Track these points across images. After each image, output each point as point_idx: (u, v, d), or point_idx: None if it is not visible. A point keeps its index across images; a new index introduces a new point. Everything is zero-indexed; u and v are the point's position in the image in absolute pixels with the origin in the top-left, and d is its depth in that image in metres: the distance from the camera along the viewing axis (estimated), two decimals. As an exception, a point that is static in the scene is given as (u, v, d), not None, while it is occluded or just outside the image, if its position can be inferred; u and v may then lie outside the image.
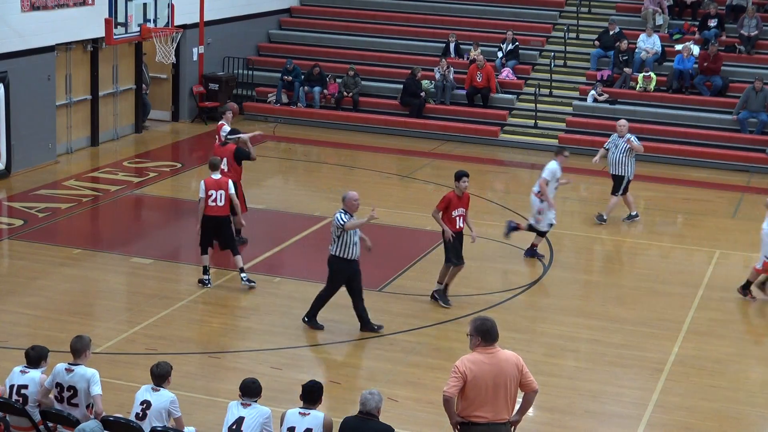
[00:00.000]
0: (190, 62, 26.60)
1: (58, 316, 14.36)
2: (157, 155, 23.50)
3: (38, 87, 21.59)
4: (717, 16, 27.37)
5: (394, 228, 18.89)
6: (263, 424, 9.47)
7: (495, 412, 9.06)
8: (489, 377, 9.02)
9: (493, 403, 9.04)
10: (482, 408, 9.04)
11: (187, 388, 11.88)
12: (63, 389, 9.95)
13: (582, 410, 12.35)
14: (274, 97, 27.40)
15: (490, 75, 26.44)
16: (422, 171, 23.15)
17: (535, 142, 25.66)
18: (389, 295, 15.68)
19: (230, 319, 14.56)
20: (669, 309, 15.59)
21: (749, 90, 24.79)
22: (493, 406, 9.04)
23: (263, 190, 20.47)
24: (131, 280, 16.13)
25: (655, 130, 25.26)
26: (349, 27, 29.71)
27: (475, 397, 9.02)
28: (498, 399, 9.05)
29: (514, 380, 9.14)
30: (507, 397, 9.10)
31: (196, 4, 26.10)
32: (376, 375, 12.95)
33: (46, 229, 18.00)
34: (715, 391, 12.88)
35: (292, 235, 18.37)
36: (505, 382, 9.08)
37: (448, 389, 9.05)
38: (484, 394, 9.01)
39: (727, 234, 19.68)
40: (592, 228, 19.49)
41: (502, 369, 9.09)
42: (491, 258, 17.70)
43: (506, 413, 9.15)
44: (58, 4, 21.87)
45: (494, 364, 9.07)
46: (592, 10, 29.24)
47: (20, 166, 21.20)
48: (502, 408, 9.10)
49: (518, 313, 15.17)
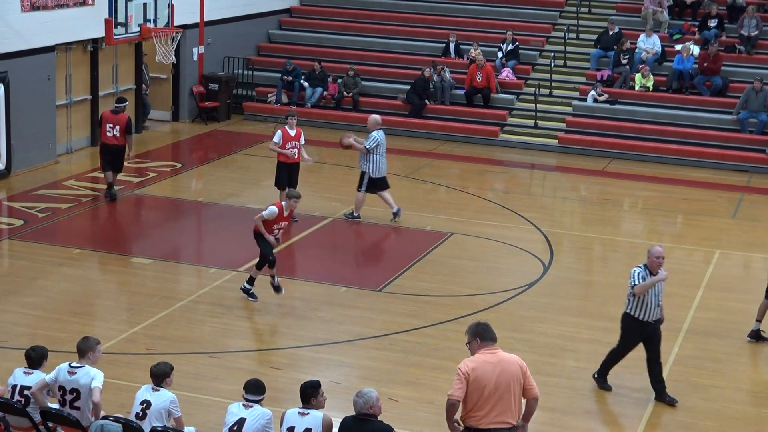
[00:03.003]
0: (190, 62, 26.60)
1: (58, 316, 14.36)
2: (157, 155, 23.50)
3: (38, 87, 21.59)
4: (717, 16, 27.38)
5: (394, 228, 18.89)
6: (264, 426, 9.46)
7: (499, 415, 8.93)
8: (491, 377, 8.92)
9: (497, 406, 8.92)
10: (485, 410, 8.91)
11: (187, 388, 11.87)
12: (66, 392, 9.92)
13: (582, 410, 12.35)
14: (274, 97, 27.40)
15: (489, 75, 26.44)
16: (422, 171, 23.15)
17: (535, 142, 25.66)
18: (389, 295, 15.67)
19: (230, 319, 14.55)
20: (669, 309, 15.52)
21: (749, 90, 24.79)
22: (498, 408, 8.92)
23: (263, 190, 20.46)
24: (131, 280, 16.13)
25: (655, 130, 25.27)
26: (349, 27, 29.71)
27: (478, 398, 8.92)
28: (502, 401, 8.94)
29: (518, 382, 9.02)
30: (512, 400, 8.96)
31: (196, 4, 26.11)
32: (376, 375, 12.94)
33: (46, 229, 18.00)
34: (715, 391, 12.88)
35: (292, 235, 18.37)
36: (509, 383, 8.96)
37: (453, 392, 8.96)
38: (487, 395, 8.91)
39: (727, 234, 19.68)
40: (592, 228, 19.49)
41: (505, 368, 9.00)
42: (491, 258, 17.70)
43: (511, 417, 9.00)
44: (58, 4, 21.87)
45: (496, 363, 8.99)
46: (592, 10, 29.23)
47: (20, 166, 21.20)
48: (507, 411, 8.95)
49: (518, 313, 15.17)
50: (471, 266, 17.17)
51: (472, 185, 22.45)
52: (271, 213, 14.62)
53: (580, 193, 22.66)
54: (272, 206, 14.73)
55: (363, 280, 16.09)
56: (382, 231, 18.71)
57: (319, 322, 14.49)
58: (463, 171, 23.73)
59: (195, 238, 18.95)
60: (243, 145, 24.89)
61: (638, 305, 12.35)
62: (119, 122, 19.44)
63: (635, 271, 12.33)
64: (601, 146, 25.20)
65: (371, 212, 19.43)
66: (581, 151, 25.16)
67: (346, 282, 16.06)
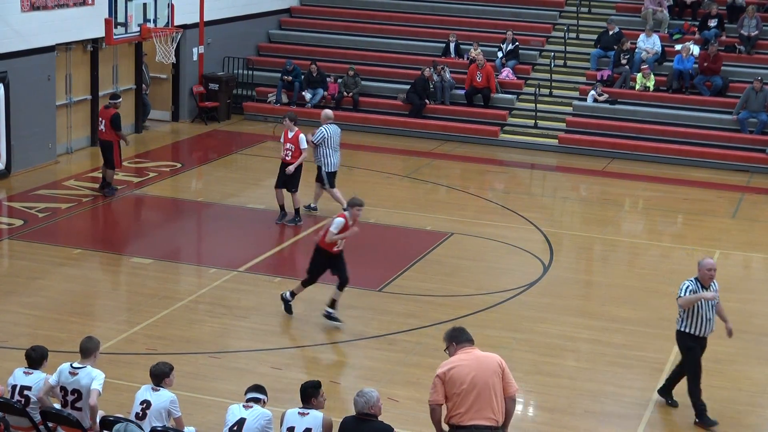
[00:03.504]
0: (190, 62, 26.60)
1: (58, 316, 14.36)
2: (157, 155, 23.50)
3: (38, 87, 21.59)
4: (717, 16, 27.38)
5: (394, 228, 18.89)
6: (264, 426, 9.46)
7: (480, 411, 8.91)
8: (467, 374, 8.95)
9: (476, 402, 8.92)
10: (465, 407, 8.91)
11: (187, 388, 11.87)
12: (67, 392, 9.92)
13: (582, 410, 12.35)
14: (274, 97, 27.40)
15: (490, 75, 26.44)
16: (422, 171, 23.15)
17: (535, 142, 25.66)
18: (389, 295, 15.67)
19: (230, 319, 14.55)
20: (669, 309, 15.53)
21: (749, 90, 24.79)
22: (477, 404, 8.91)
23: (263, 190, 20.46)
24: (131, 280, 16.13)
25: (655, 130, 25.27)
26: (349, 27, 29.72)
27: (457, 396, 8.94)
28: (481, 397, 8.93)
29: (497, 377, 9.01)
30: (492, 396, 8.94)
31: (196, 4, 26.11)
32: (376, 375, 12.94)
33: (46, 229, 18.00)
34: (715, 391, 12.86)
35: (292, 235, 18.38)
36: (486, 380, 8.95)
37: (431, 397, 9.11)
38: (465, 392, 8.92)
39: (727, 234, 19.68)
40: (592, 228, 19.49)
41: (482, 364, 9.03)
42: (491, 258, 17.70)
43: (492, 413, 8.95)
44: (58, 4, 21.87)
45: (472, 360, 9.04)
46: (592, 10, 29.24)
47: (20, 166, 21.20)
48: (487, 407, 8.93)
49: (518, 313, 15.17)
50: (471, 266, 17.17)
51: (473, 185, 22.45)
52: (338, 225, 14.10)
53: (581, 193, 22.66)
54: (338, 218, 14.22)
55: (363, 280, 16.09)
56: (382, 231, 18.70)
57: (319, 322, 14.49)
58: (464, 171, 23.73)
59: (195, 238, 18.94)
60: (243, 145, 24.89)
61: (691, 321, 11.83)
62: (105, 117, 19.73)
63: (685, 284, 11.77)
64: (602, 146, 25.21)
65: (371, 212, 19.44)
66: (581, 151, 25.16)
67: (346, 282, 16.05)
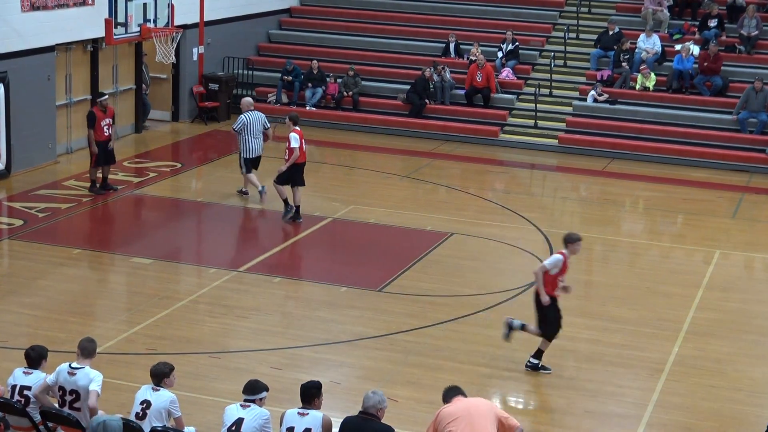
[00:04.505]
0: (190, 62, 26.60)
1: (58, 316, 14.35)
2: (157, 155, 23.50)
3: (38, 87, 21.58)
4: (717, 16, 27.37)
5: (394, 228, 18.89)
6: (262, 426, 9.46)
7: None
8: (462, 407, 9.10)
9: (472, 426, 8.95)
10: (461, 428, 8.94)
11: (187, 388, 11.87)
12: (66, 392, 9.92)
13: (582, 410, 12.35)
14: (274, 97, 27.40)
15: (490, 75, 26.44)
16: (422, 171, 23.14)
17: (535, 142, 25.65)
18: (389, 295, 15.67)
19: (230, 319, 14.55)
20: (669, 309, 15.59)
21: (749, 90, 24.78)
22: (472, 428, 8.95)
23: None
24: (131, 280, 16.13)
25: (655, 130, 25.27)
26: (349, 27, 29.71)
27: (451, 422, 8.98)
28: (476, 424, 8.96)
29: (491, 412, 9.14)
30: (487, 425, 8.98)
31: (196, 4, 26.10)
32: (376, 375, 12.94)
33: (46, 229, 18.00)
34: (715, 391, 12.87)
35: (292, 235, 18.38)
36: (480, 410, 9.08)
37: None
38: (459, 417, 8.99)
39: (727, 234, 19.68)
40: (592, 228, 19.47)
41: (475, 403, 9.22)
42: (491, 258, 17.70)
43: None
44: (58, 4, 21.87)
45: (463, 402, 9.22)
46: (592, 10, 29.23)
47: (20, 166, 21.19)
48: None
49: (518, 313, 15.11)
50: (471, 266, 17.17)
51: (473, 185, 22.44)
52: (555, 262, 12.70)
53: (581, 193, 22.66)
54: (556, 255, 12.77)
55: (363, 280, 16.09)
56: (382, 231, 18.70)
57: (319, 322, 14.49)
58: (464, 171, 23.73)
59: (195, 238, 18.93)
60: (243, 145, 24.86)
61: None
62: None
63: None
64: (601, 146, 25.20)
65: (371, 212, 19.45)
66: (581, 151, 25.16)
67: (346, 282, 16.05)
